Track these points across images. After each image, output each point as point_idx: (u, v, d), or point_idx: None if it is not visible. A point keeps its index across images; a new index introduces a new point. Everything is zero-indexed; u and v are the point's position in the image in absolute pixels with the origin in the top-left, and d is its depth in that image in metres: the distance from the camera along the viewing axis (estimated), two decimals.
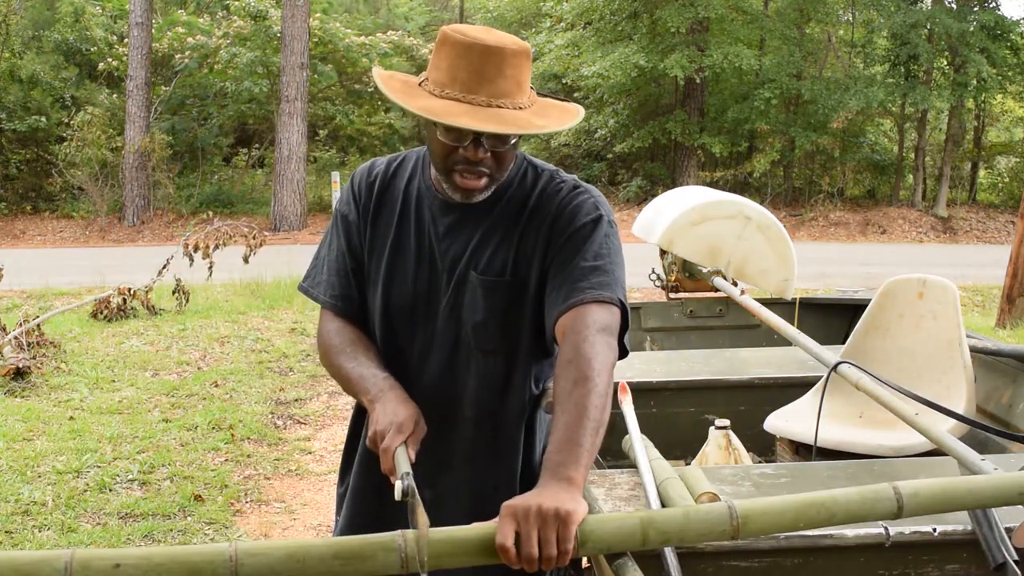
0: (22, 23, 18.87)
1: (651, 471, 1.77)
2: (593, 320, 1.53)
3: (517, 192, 1.70)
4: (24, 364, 5.85)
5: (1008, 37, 17.99)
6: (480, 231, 1.68)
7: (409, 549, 1.23)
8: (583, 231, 1.63)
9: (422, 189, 1.73)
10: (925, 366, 2.60)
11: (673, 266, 4.02)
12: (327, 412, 5.71)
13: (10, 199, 17.66)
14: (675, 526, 1.32)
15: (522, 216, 1.68)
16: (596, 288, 1.57)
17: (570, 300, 1.56)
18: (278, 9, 16.98)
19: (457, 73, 1.54)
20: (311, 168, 18.99)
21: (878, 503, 1.34)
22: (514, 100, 1.55)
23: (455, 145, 1.57)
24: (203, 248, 8.47)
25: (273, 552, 1.22)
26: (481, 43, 1.55)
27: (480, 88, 1.53)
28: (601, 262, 1.60)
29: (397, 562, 1.23)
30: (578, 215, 1.65)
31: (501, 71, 1.54)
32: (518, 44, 1.57)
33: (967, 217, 18.37)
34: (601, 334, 1.52)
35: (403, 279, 1.72)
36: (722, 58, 17.47)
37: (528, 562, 1.25)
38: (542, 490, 1.33)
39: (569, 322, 1.54)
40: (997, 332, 7.75)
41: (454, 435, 1.74)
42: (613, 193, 20.01)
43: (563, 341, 1.54)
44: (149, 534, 3.75)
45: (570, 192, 1.69)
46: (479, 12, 25.09)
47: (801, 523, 1.33)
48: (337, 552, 1.23)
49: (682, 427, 2.81)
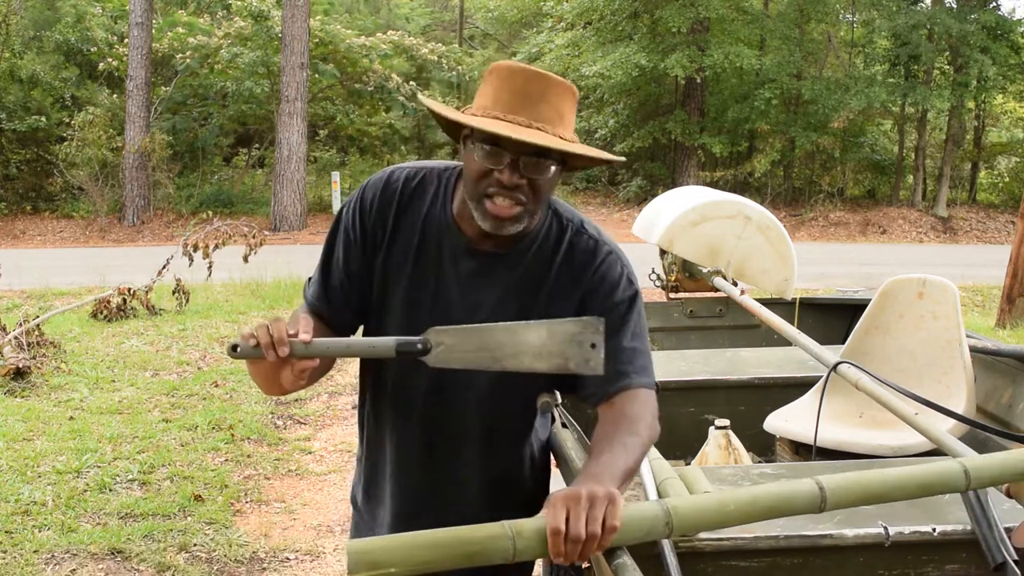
0: (22, 23, 18.88)
1: (651, 471, 1.77)
2: (645, 401, 1.58)
3: (544, 246, 1.65)
4: (24, 364, 5.85)
5: (1008, 37, 17.99)
6: (505, 284, 1.64)
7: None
8: (621, 307, 1.63)
9: (443, 224, 1.65)
10: (925, 366, 2.60)
11: (673, 266, 4.02)
12: (327, 412, 5.71)
13: (10, 199, 17.67)
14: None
15: (549, 273, 1.64)
16: (640, 374, 1.61)
17: (622, 383, 1.59)
18: (279, 9, 16.99)
19: (500, 95, 1.52)
20: (311, 168, 19.00)
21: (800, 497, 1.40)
22: (555, 129, 1.52)
23: (492, 168, 1.51)
24: (203, 248, 8.48)
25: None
26: (527, 69, 1.54)
27: (522, 110, 1.51)
28: (639, 344, 1.63)
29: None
30: (617, 289, 1.63)
31: (544, 96, 1.52)
32: (565, 80, 1.57)
33: (967, 217, 18.38)
34: (653, 414, 1.58)
35: (419, 317, 1.65)
36: (722, 58, 17.48)
37: (574, 543, 1.28)
38: (585, 480, 1.37)
39: (621, 400, 1.58)
40: (997, 332, 7.75)
41: (467, 467, 1.74)
42: (613, 193, 20.02)
43: (613, 406, 1.58)
44: (149, 534, 3.75)
45: (604, 259, 1.65)
46: (479, 12, 25.11)
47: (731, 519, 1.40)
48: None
49: (682, 427, 2.81)
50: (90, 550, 3.59)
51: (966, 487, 1.46)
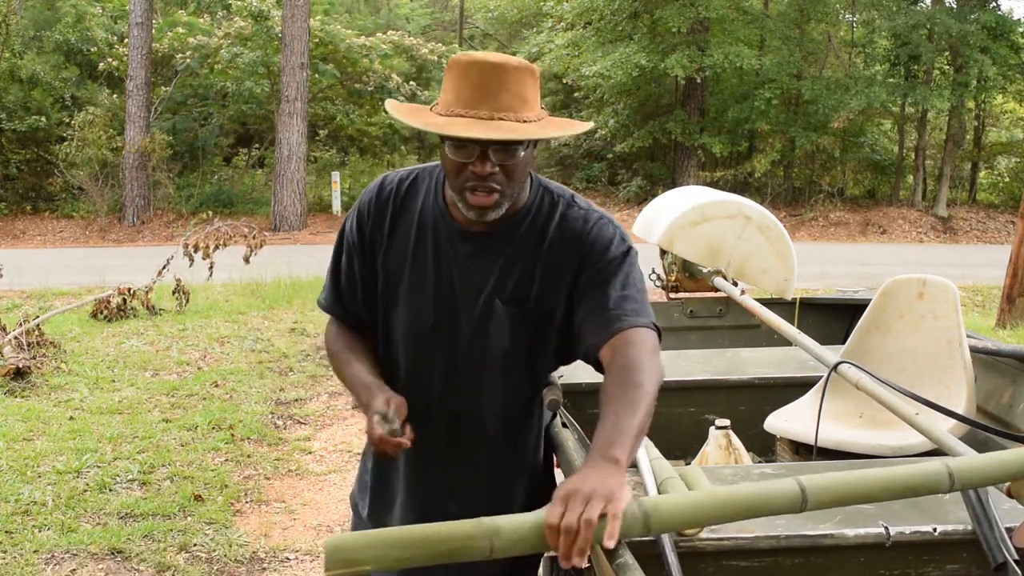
0: (22, 23, 18.88)
1: (651, 471, 1.77)
2: (643, 340, 1.59)
3: (535, 220, 1.72)
4: (24, 364, 5.85)
5: (1008, 37, 17.98)
6: (502, 260, 1.70)
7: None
8: (614, 263, 1.67)
9: (437, 213, 1.73)
10: (925, 366, 2.60)
11: (673, 266, 4.02)
12: (327, 412, 5.71)
13: (10, 199, 17.67)
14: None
15: (543, 244, 1.71)
16: (635, 315, 1.63)
17: (615, 326, 1.61)
18: (279, 9, 16.99)
19: (461, 92, 1.58)
20: (311, 168, 19.00)
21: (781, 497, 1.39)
22: (518, 114, 1.57)
23: (464, 162, 1.58)
24: (203, 248, 8.47)
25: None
26: (482, 60, 1.59)
27: (482, 103, 1.56)
28: (632, 292, 1.66)
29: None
30: (609, 248, 1.69)
31: (503, 86, 1.57)
32: (522, 62, 1.61)
33: (967, 217, 18.37)
34: (651, 353, 1.59)
35: (423, 305, 1.74)
36: (722, 58, 17.47)
37: (567, 533, 1.29)
38: (590, 471, 1.38)
39: (619, 343, 1.59)
40: (997, 332, 7.75)
41: (476, 454, 1.79)
42: (613, 193, 20.02)
43: (614, 355, 1.59)
44: (149, 534, 3.75)
45: (596, 223, 1.71)
46: (479, 12, 25.10)
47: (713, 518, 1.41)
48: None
49: (682, 427, 2.81)
50: (90, 550, 3.59)
51: (950, 488, 1.45)
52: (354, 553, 1.25)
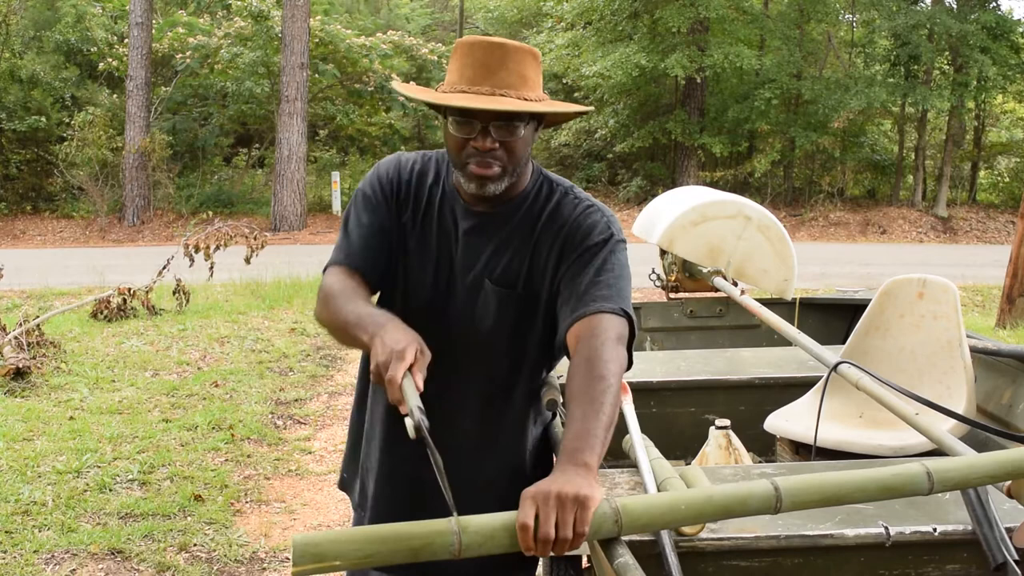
0: (22, 23, 18.89)
1: (651, 471, 1.77)
2: (606, 327, 1.59)
3: (533, 205, 1.75)
4: (24, 364, 5.85)
5: (1008, 37, 17.99)
6: (496, 240, 1.74)
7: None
8: (593, 249, 1.69)
9: (446, 190, 1.78)
10: (925, 366, 2.60)
11: (673, 266, 4.02)
12: (327, 412, 5.71)
13: (10, 199, 17.67)
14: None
15: (536, 229, 1.74)
16: (604, 300, 1.63)
17: (581, 310, 1.62)
18: (279, 9, 16.99)
19: (464, 70, 1.63)
20: (311, 168, 19.00)
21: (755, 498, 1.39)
22: (519, 92, 1.62)
23: (466, 138, 1.62)
24: (204, 249, 8.47)
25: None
26: (485, 41, 1.64)
27: (484, 80, 1.61)
28: (607, 277, 1.66)
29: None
30: (591, 233, 1.71)
31: (504, 64, 1.61)
32: (524, 45, 1.66)
33: (967, 217, 18.37)
34: (615, 341, 1.58)
35: (423, 279, 1.77)
36: (722, 58, 17.47)
37: (544, 543, 1.30)
38: (560, 475, 1.37)
39: (583, 329, 1.60)
40: (997, 332, 7.75)
41: (460, 435, 1.80)
42: (613, 193, 20.02)
43: (578, 344, 1.59)
44: (149, 534, 3.75)
45: (584, 210, 1.74)
46: (479, 12, 25.10)
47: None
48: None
49: (682, 427, 2.81)
50: (90, 550, 3.59)
51: (929, 490, 1.45)
52: (322, 549, 1.25)
